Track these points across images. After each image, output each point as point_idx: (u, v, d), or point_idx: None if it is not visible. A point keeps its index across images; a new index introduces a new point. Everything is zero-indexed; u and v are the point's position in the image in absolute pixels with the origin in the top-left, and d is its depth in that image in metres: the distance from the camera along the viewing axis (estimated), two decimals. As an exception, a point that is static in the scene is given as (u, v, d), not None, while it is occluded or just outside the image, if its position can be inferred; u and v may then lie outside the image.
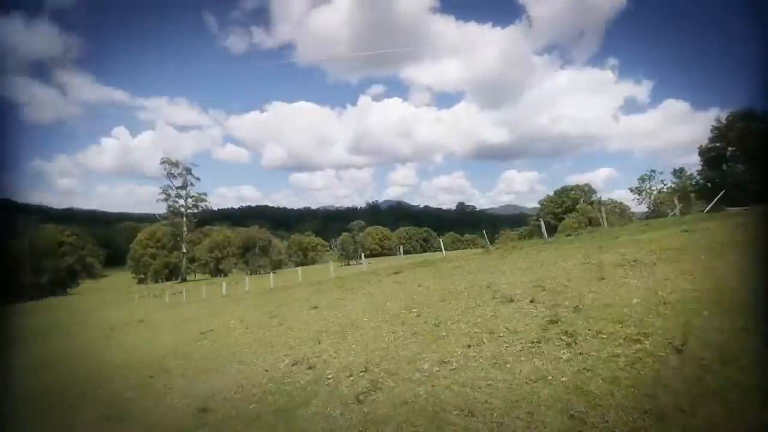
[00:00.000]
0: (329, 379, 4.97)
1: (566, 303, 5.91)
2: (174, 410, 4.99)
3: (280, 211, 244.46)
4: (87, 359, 10.45)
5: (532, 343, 4.63)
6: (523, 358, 4.30)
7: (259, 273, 61.39)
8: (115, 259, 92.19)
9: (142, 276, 77.00)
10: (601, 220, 21.17)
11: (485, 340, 5.08)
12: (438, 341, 5.50)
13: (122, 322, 19.89)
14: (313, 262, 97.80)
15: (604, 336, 4.32)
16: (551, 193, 69.14)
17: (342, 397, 4.25)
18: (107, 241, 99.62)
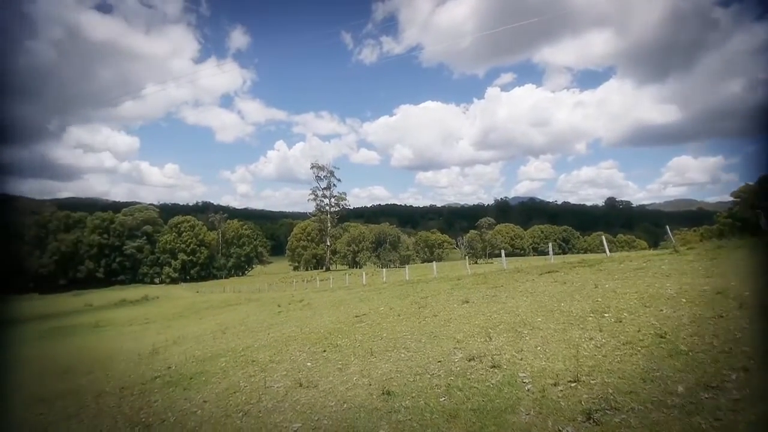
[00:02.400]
0: (526, 383, 4.12)
1: None
2: (357, 387, 4.94)
3: (407, 209, 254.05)
4: (267, 329, 12.09)
5: None
6: None
7: (389, 267, 64.60)
8: (276, 249, 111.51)
9: (296, 264, 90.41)
10: None
11: (776, 366, 3.41)
12: (678, 357, 4.03)
13: (286, 301, 23.18)
14: (440, 258, 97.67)
15: None
16: (750, 183, 52.36)
17: (560, 410, 3.36)
18: (272, 235, 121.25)
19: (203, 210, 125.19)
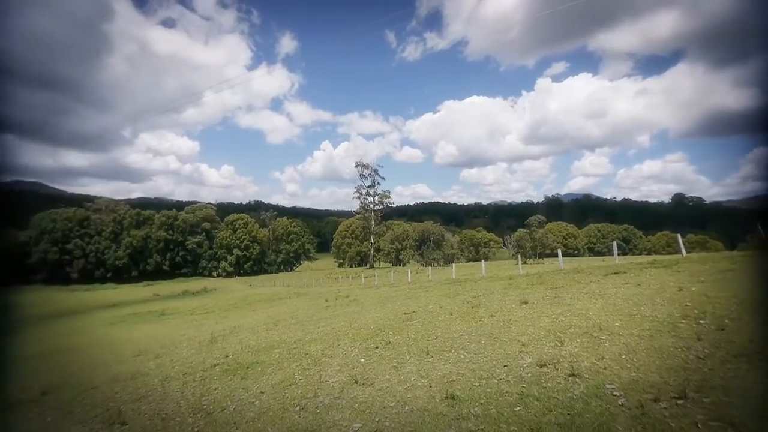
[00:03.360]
0: (617, 396, 3.56)
1: None
2: (416, 388, 4.64)
3: (451, 207, 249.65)
4: (317, 322, 12.19)
5: None
6: None
7: (433, 265, 63.63)
8: (322, 246, 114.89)
9: (341, 261, 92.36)
10: None
11: None
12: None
13: (333, 296, 23.52)
14: (486, 258, 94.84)
15: None
16: None
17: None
18: (318, 232, 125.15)
19: (255, 208, 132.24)
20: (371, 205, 72.66)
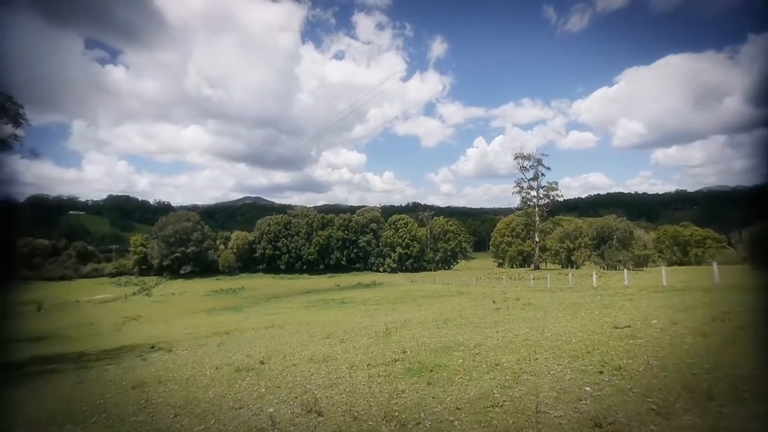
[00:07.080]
0: None
1: None
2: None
3: (639, 197, 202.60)
4: (493, 326, 10.77)
5: None
6: None
7: (617, 268, 52.07)
8: (479, 245, 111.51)
9: (500, 261, 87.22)
10: None
11: None
12: None
13: (499, 297, 21.47)
14: (697, 261, 73.03)
15: None
16: None
17: None
18: (474, 231, 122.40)
19: (413, 209, 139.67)
20: (534, 200, 65.30)
